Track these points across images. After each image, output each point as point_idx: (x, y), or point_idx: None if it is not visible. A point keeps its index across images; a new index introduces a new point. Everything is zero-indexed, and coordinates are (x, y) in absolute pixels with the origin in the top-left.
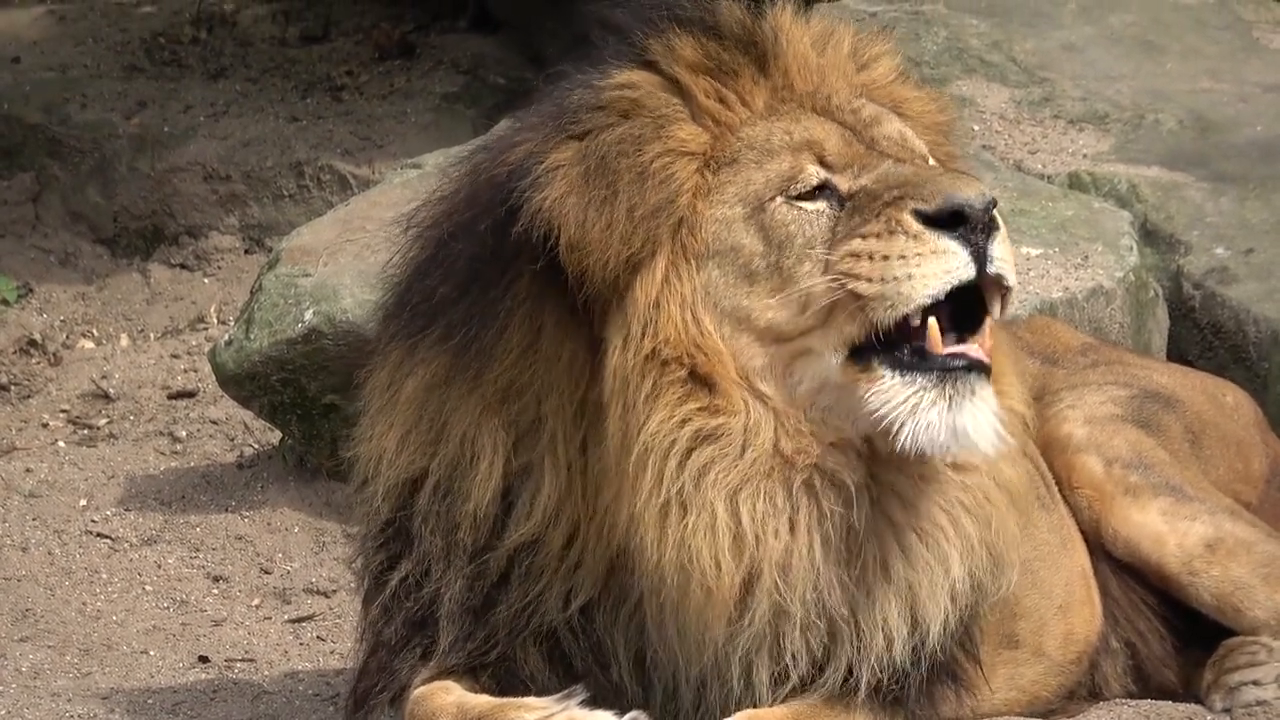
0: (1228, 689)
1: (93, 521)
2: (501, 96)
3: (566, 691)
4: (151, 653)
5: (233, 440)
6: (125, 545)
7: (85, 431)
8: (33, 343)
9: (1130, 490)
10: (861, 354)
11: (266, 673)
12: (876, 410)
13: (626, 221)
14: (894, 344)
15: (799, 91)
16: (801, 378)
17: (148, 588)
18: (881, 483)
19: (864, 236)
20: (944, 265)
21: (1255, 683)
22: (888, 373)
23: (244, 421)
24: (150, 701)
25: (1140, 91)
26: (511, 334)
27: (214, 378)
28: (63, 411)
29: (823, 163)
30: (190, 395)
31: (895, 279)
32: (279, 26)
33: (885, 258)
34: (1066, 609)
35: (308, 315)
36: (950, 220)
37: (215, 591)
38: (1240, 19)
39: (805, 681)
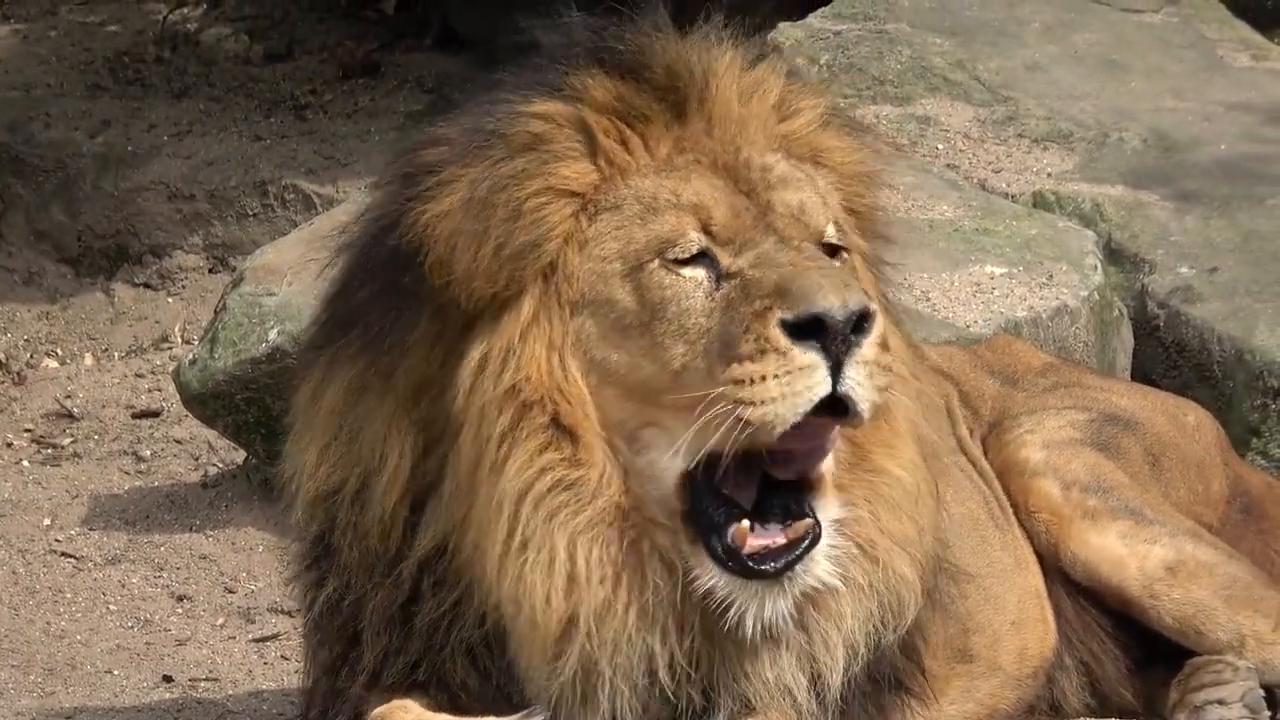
0: (1193, 708)
1: (57, 541)
2: None
3: (527, 711)
4: (116, 672)
5: (197, 460)
6: (89, 565)
7: (49, 451)
8: None
9: (1089, 513)
10: (696, 507)
11: (231, 692)
12: (696, 581)
13: (493, 259)
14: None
15: (714, 140)
16: (642, 449)
17: (112, 607)
18: None
19: (740, 360)
20: (808, 382)
21: (1220, 702)
22: (706, 559)
23: (208, 441)
24: None
25: (1104, 110)
26: (423, 326)
27: (178, 397)
28: (26, 431)
29: (706, 231)
30: (154, 415)
31: (772, 400)
32: (243, 45)
33: (763, 379)
34: (1020, 625)
35: (272, 334)
36: (811, 328)
37: (179, 611)
38: (1204, 38)
39: None
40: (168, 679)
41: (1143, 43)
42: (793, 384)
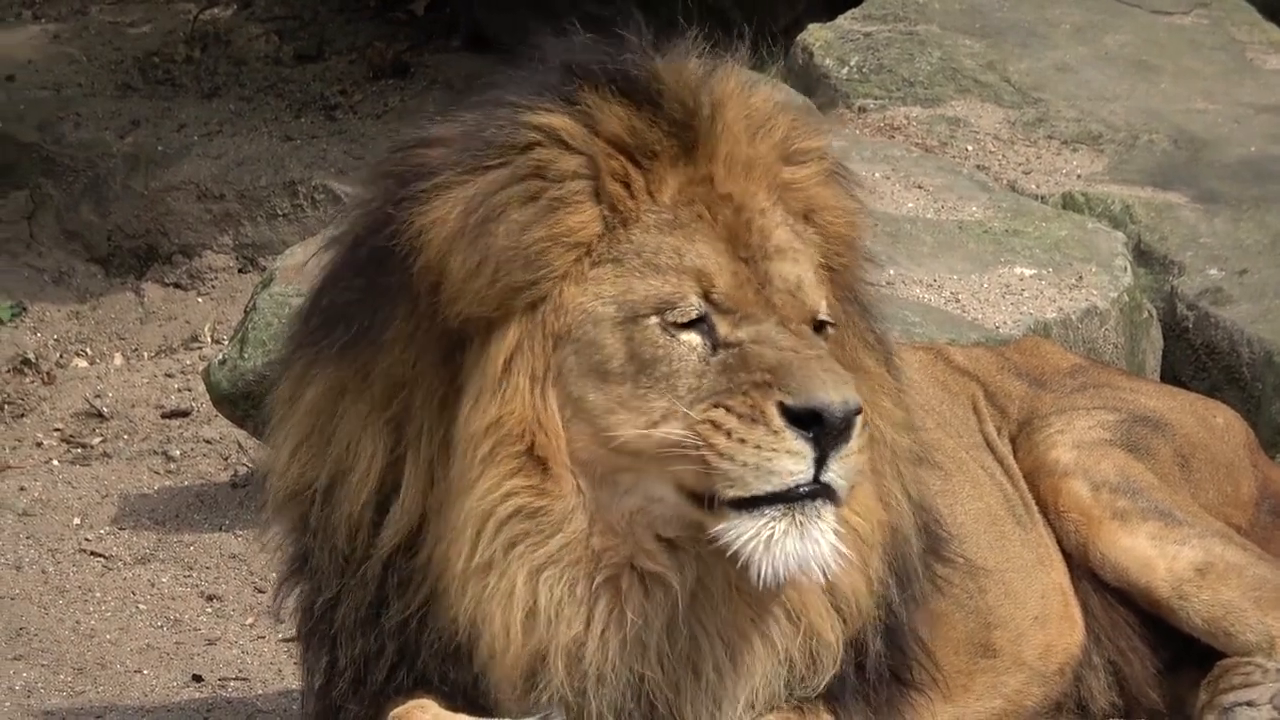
0: (1222, 709)
1: (87, 540)
2: None
3: (544, 714)
4: (145, 672)
5: (226, 459)
6: (119, 564)
7: (79, 450)
8: (27, 361)
9: (1118, 514)
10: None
11: (260, 691)
12: (730, 547)
13: (487, 287)
14: None
15: (717, 189)
16: (629, 490)
17: (141, 606)
18: (704, 586)
19: (728, 409)
20: (790, 466)
21: (1249, 703)
22: (733, 511)
23: (238, 441)
24: None
25: (1134, 112)
26: (399, 324)
27: (208, 397)
28: (56, 430)
29: (707, 297)
30: (184, 414)
31: (745, 465)
32: (273, 46)
33: (742, 441)
34: (1044, 621)
35: None
36: (808, 419)
37: (209, 610)
38: (1234, 40)
39: None
40: (197, 678)
41: (1173, 44)
42: (772, 461)
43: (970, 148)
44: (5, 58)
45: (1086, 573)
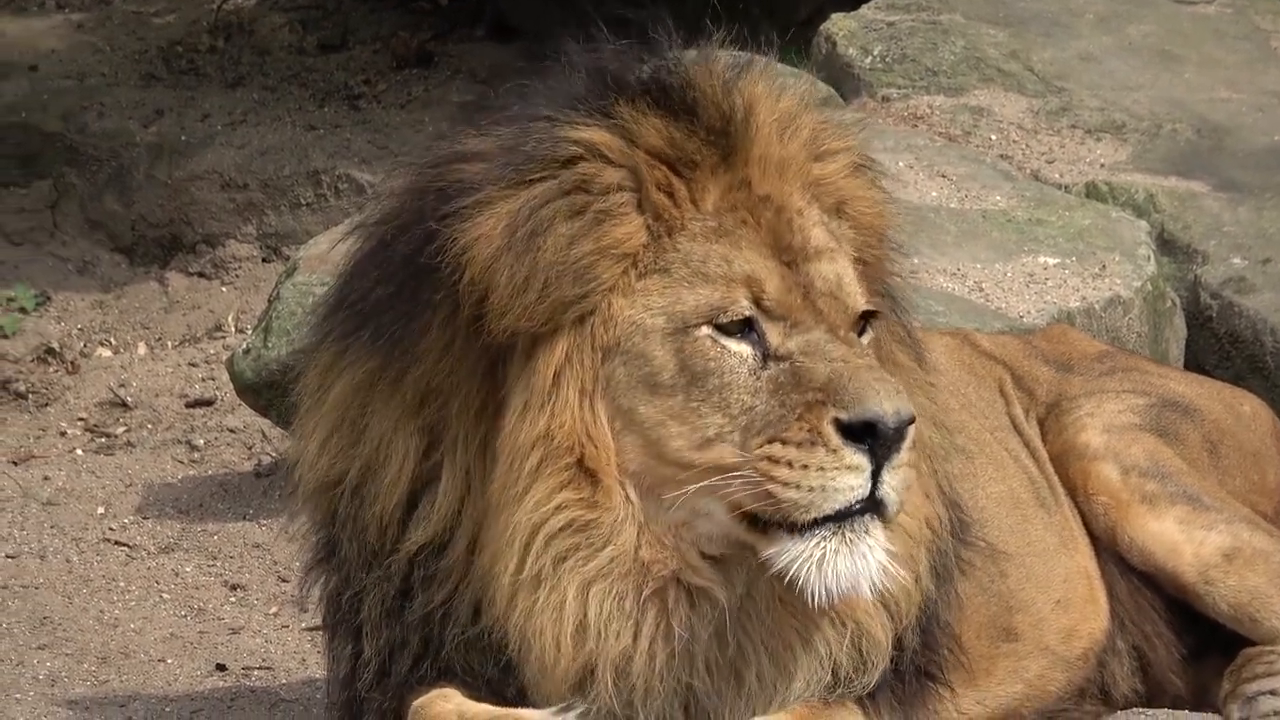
0: (1245, 698)
1: (110, 529)
2: None
3: (565, 704)
4: (169, 661)
5: (250, 449)
6: (143, 553)
7: (103, 440)
8: (50, 351)
9: (1147, 499)
10: (753, 518)
11: (284, 680)
12: (782, 570)
13: (537, 301)
14: None
15: (756, 193)
16: (673, 504)
17: (165, 596)
18: (750, 597)
19: (784, 442)
20: (851, 481)
21: (1273, 692)
22: (785, 535)
23: (262, 430)
24: (168, 709)
25: (1158, 101)
26: (434, 335)
27: (232, 386)
28: (80, 420)
29: (758, 304)
30: (208, 404)
31: (811, 489)
32: (297, 35)
33: (805, 467)
34: (1066, 605)
35: None
36: (863, 431)
37: (233, 599)
38: (1258, 29)
39: None
40: (221, 667)
41: (1196, 34)
42: (835, 480)
43: (994, 137)
44: (29, 47)
45: (1113, 556)
